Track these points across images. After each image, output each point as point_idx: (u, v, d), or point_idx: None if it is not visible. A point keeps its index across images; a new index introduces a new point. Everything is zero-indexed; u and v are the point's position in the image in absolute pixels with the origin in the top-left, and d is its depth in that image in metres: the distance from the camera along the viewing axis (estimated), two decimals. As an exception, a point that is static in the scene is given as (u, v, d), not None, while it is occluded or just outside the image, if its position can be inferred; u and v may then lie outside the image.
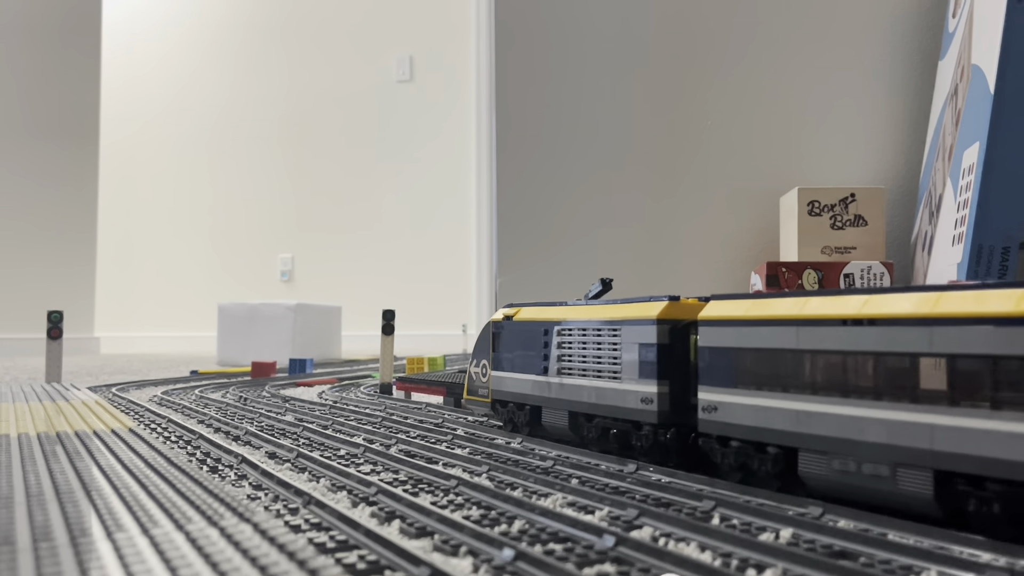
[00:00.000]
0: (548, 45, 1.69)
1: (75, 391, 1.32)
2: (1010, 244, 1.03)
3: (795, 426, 0.57)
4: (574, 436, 0.81)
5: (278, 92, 4.04)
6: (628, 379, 0.73)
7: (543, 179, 1.67)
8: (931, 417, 0.48)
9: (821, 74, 1.62)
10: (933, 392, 0.48)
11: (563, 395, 0.81)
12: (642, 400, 0.71)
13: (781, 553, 0.44)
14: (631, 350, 0.72)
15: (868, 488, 0.52)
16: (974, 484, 0.47)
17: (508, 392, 0.91)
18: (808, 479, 0.57)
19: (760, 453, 0.61)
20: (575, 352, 0.80)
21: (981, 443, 0.46)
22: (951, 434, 0.47)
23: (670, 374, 0.69)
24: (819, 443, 0.55)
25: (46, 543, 0.33)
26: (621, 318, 0.74)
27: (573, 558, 0.44)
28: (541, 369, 0.85)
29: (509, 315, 0.92)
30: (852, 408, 0.53)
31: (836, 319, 0.54)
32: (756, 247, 1.61)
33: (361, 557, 0.44)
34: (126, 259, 4.19)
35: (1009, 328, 0.44)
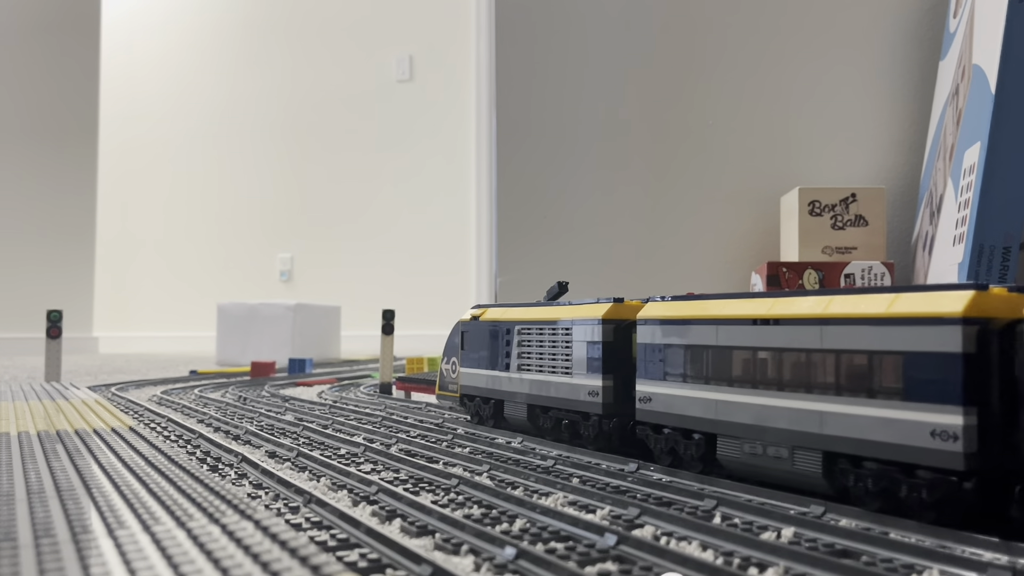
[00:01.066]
0: (549, 45, 1.69)
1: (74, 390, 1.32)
2: (1011, 244, 1.03)
3: (714, 414, 0.64)
4: (532, 427, 0.88)
5: (277, 92, 4.04)
6: (578, 374, 0.79)
7: (543, 179, 1.67)
8: (821, 405, 0.55)
9: (822, 74, 1.61)
10: (823, 383, 0.55)
11: (522, 389, 0.88)
12: (589, 393, 0.78)
13: (783, 552, 0.44)
14: (580, 348, 0.79)
15: (772, 468, 0.59)
16: (853, 463, 0.53)
17: (475, 387, 0.97)
18: (725, 462, 0.63)
19: (686, 439, 0.67)
20: (533, 350, 0.87)
21: (859, 427, 0.52)
22: (836, 420, 0.54)
23: (614, 369, 0.76)
24: (734, 429, 0.62)
25: (47, 539, 0.33)
26: (572, 318, 0.81)
27: (575, 556, 0.44)
28: (504, 365, 0.91)
29: (476, 315, 0.98)
30: (760, 398, 0.60)
31: (748, 319, 0.61)
32: (757, 247, 1.61)
33: (363, 555, 0.44)
34: (125, 258, 4.19)
35: (881, 327, 0.51)
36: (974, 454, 0.47)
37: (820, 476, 0.56)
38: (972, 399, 0.47)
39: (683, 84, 1.65)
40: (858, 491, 0.53)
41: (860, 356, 0.53)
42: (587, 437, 0.79)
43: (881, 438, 0.51)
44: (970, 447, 0.47)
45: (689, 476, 0.65)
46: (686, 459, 0.68)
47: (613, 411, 0.76)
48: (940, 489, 0.48)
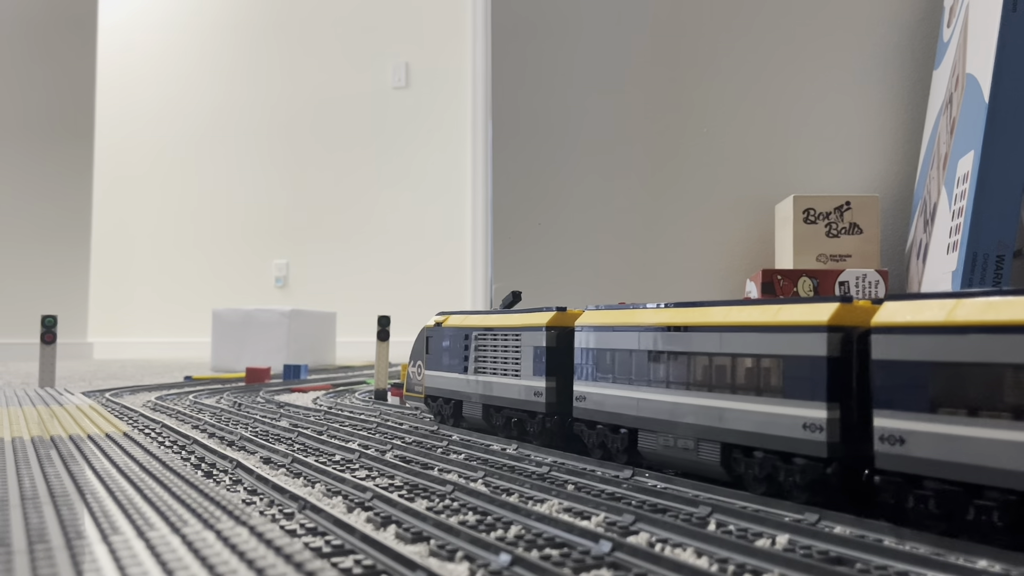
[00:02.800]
0: (544, 54, 1.69)
1: (69, 396, 1.32)
2: (1004, 252, 1.03)
3: (636, 411, 0.72)
4: (487, 425, 0.95)
5: (273, 98, 4.04)
6: (525, 376, 0.87)
7: (538, 186, 1.67)
8: (719, 402, 0.63)
9: (817, 82, 1.62)
10: (721, 383, 0.63)
11: (478, 390, 0.95)
12: (535, 393, 0.85)
13: (778, 559, 0.44)
14: (528, 352, 0.87)
15: (681, 458, 0.67)
16: (745, 453, 0.62)
17: (438, 388, 1.04)
18: (645, 453, 0.71)
19: (614, 433, 0.75)
20: (487, 354, 0.94)
21: (749, 422, 0.60)
22: (731, 415, 0.62)
23: (555, 371, 0.84)
24: (651, 424, 0.70)
25: (42, 545, 0.33)
26: (521, 325, 0.89)
27: (570, 563, 0.44)
28: (462, 368, 0.99)
29: (439, 322, 1.06)
30: (672, 396, 0.68)
31: (663, 326, 0.69)
32: (752, 255, 1.61)
33: (357, 562, 0.44)
34: (120, 264, 4.18)
35: (766, 334, 0.60)
36: (836, 443, 0.55)
37: (718, 465, 0.64)
38: (835, 396, 0.55)
39: (678, 92, 1.66)
40: (748, 477, 0.61)
41: (750, 359, 0.61)
42: (533, 433, 0.87)
43: (766, 431, 0.59)
44: (833, 437, 0.55)
45: (684, 483, 0.65)
46: (613, 452, 0.76)
47: (555, 410, 0.83)
48: (809, 473, 0.56)
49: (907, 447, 0.49)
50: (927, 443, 0.49)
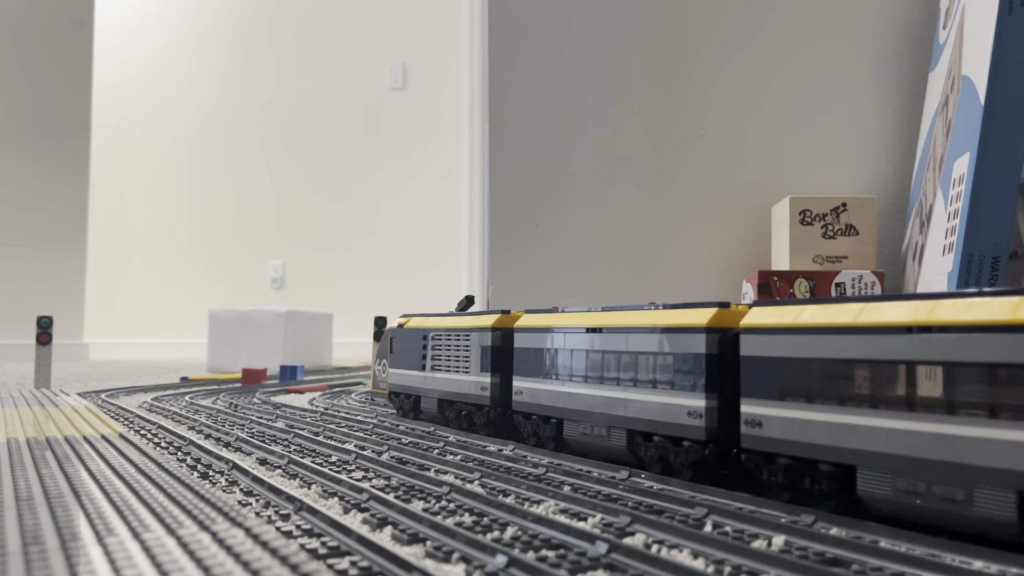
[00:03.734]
0: (541, 56, 1.70)
1: (64, 397, 1.31)
2: (1000, 254, 1.04)
3: (562, 403, 0.81)
4: (441, 418, 1.03)
5: (270, 99, 4.04)
6: (474, 372, 0.95)
7: (536, 187, 1.67)
8: (625, 394, 0.73)
9: (813, 84, 1.62)
10: (627, 378, 0.72)
11: (434, 386, 1.04)
12: (482, 388, 0.94)
13: (774, 560, 0.44)
14: (476, 351, 0.95)
15: (597, 444, 0.77)
16: (645, 438, 0.71)
17: (400, 385, 1.14)
18: (569, 441, 0.81)
19: (545, 424, 0.84)
20: (442, 353, 1.03)
21: (648, 411, 0.70)
22: (635, 405, 0.72)
23: (500, 368, 0.92)
24: (573, 415, 0.79)
25: (36, 547, 0.33)
26: (469, 327, 0.97)
27: (566, 564, 0.44)
28: (421, 366, 1.08)
29: (402, 324, 1.14)
30: (589, 390, 0.77)
31: (583, 328, 0.79)
32: (748, 256, 1.61)
33: (353, 563, 0.44)
34: (116, 264, 4.18)
35: (660, 334, 0.70)
36: (713, 428, 0.65)
37: (625, 449, 0.73)
38: (712, 388, 0.65)
39: (675, 94, 1.66)
40: (648, 459, 0.71)
41: (649, 357, 0.71)
42: (480, 425, 0.95)
43: (660, 418, 0.69)
44: (711, 423, 0.65)
45: (681, 484, 0.65)
46: (544, 440, 0.85)
47: (498, 403, 0.92)
48: (693, 454, 0.66)
49: (764, 429, 0.60)
50: (778, 426, 0.59)
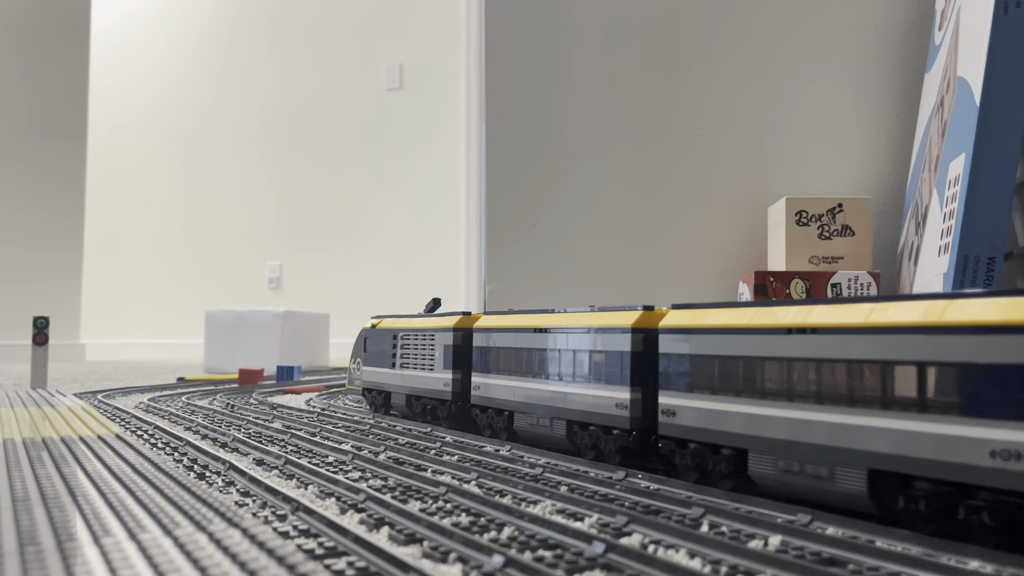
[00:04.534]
0: (537, 56, 1.70)
1: (61, 397, 1.31)
2: (995, 254, 1.04)
3: (512, 397, 0.90)
4: (410, 412, 1.11)
5: (267, 99, 4.03)
6: (438, 370, 1.03)
7: (532, 188, 1.67)
8: (564, 388, 0.82)
9: (809, 85, 1.63)
10: (566, 373, 0.81)
11: (402, 383, 1.12)
12: (444, 384, 1.01)
13: (770, 560, 0.44)
14: (439, 350, 1.02)
15: (542, 434, 0.85)
16: (582, 427, 0.80)
17: (372, 382, 1.21)
18: (518, 432, 0.89)
19: (498, 416, 0.93)
20: (410, 352, 1.10)
21: (583, 403, 0.79)
22: (573, 399, 0.81)
23: (460, 365, 1.00)
24: (523, 408, 0.88)
25: (32, 548, 0.33)
26: (434, 327, 1.05)
27: (563, 564, 0.44)
28: (391, 364, 1.15)
29: (375, 324, 1.22)
30: (536, 384, 0.86)
31: (530, 328, 0.87)
32: (744, 257, 1.61)
33: (350, 564, 0.44)
34: (113, 265, 4.17)
35: (591, 334, 0.78)
36: (637, 417, 0.73)
37: (564, 439, 0.82)
38: (636, 382, 0.73)
39: (671, 94, 1.66)
40: (583, 447, 0.80)
41: (584, 354, 0.79)
42: (443, 418, 1.03)
43: (593, 409, 0.77)
44: (635, 413, 0.73)
45: (678, 484, 0.65)
46: (497, 431, 0.93)
47: (459, 398, 1.00)
48: (620, 441, 0.74)
49: (677, 418, 0.68)
50: (688, 415, 0.67)
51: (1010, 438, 0.44)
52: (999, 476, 0.45)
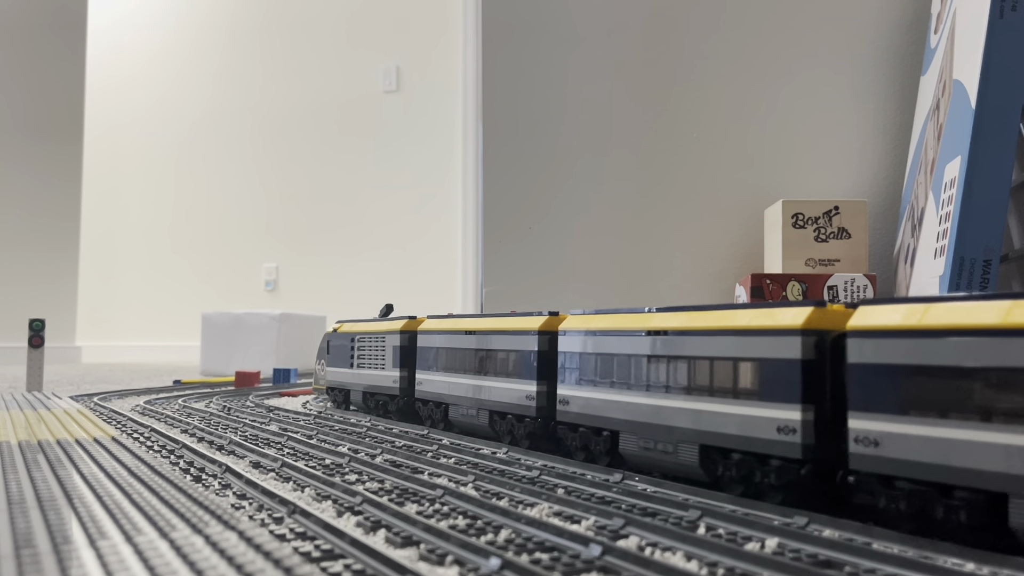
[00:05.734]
0: (534, 59, 1.70)
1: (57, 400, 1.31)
2: (991, 257, 1.04)
3: (448, 391, 0.99)
4: (365, 407, 1.21)
5: (264, 101, 4.03)
6: (388, 368, 1.13)
7: (529, 191, 1.67)
8: (482, 382, 0.93)
9: (806, 88, 1.63)
10: (490, 370, 0.92)
11: (359, 381, 1.22)
12: (393, 381, 1.12)
13: (767, 562, 0.44)
14: (390, 351, 1.13)
15: (471, 423, 0.96)
16: (500, 416, 0.90)
17: (335, 381, 1.32)
18: (453, 421, 0.99)
19: (437, 408, 1.03)
20: (365, 353, 1.20)
21: (498, 394, 0.90)
22: (488, 391, 0.92)
23: (407, 364, 1.10)
24: (457, 400, 0.98)
25: (28, 550, 0.33)
26: (384, 331, 1.15)
27: (559, 567, 0.44)
28: (350, 364, 1.25)
29: (336, 328, 1.32)
30: (466, 379, 0.96)
31: (464, 331, 0.98)
32: (741, 259, 1.62)
33: (347, 567, 0.44)
34: (109, 267, 4.16)
35: (504, 336, 0.90)
36: (543, 407, 0.84)
37: (487, 426, 0.91)
38: (542, 376, 0.84)
39: (668, 97, 1.67)
40: (502, 434, 0.90)
41: (502, 353, 0.90)
42: (392, 410, 1.13)
43: (509, 400, 0.88)
44: (541, 403, 0.84)
45: (674, 487, 0.65)
46: (435, 421, 1.04)
47: (406, 393, 1.10)
48: (529, 427, 0.86)
49: (569, 406, 0.79)
50: (577, 403, 0.78)
51: (789, 416, 0.56)
52: (782, 447, 0.57)
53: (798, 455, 0.56)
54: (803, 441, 0.56)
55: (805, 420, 0.55)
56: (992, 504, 0.46)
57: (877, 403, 0.52)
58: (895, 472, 0.51)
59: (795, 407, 0.56)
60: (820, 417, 0.56)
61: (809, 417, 0.56)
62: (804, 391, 0.56)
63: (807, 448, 0.55)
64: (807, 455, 0.56)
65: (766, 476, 0.59)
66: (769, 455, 0.58)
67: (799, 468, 0.56)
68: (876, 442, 0.52)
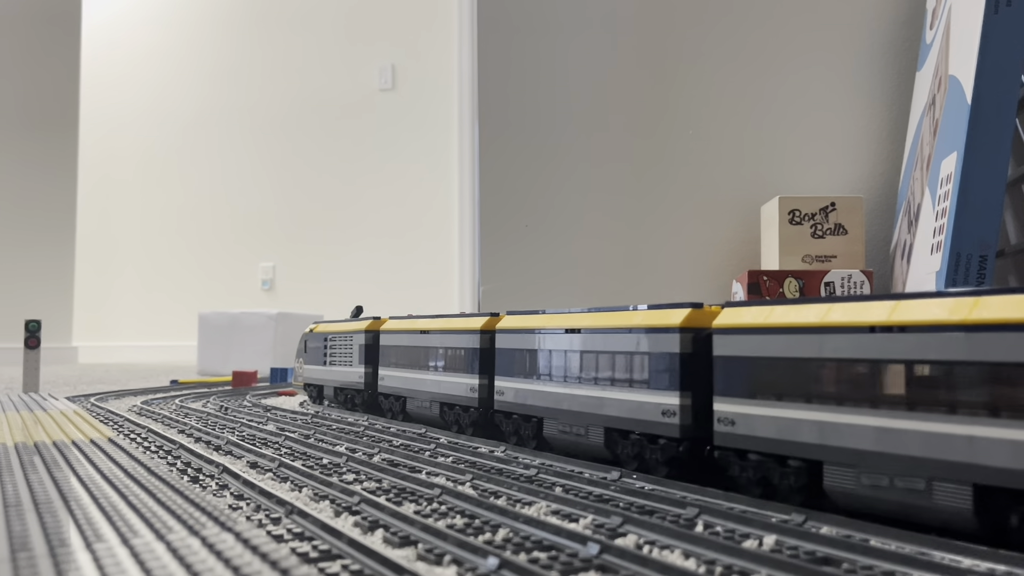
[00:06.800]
0: (530, 55, 1.70)
1: (53, 401, 1.31)
2: (987, 252, 1.04)
3: (406, 385, 1.09)
4: (336, 401, 1.31)
5: (259, 99, 4.03)
6: (355, 365, 1.22)
7: (526, 188, 1.67)
8: (437, 376, 1.02)
9: (801, 85, 1.63)
10: (438, 365, 1.01)
11: (331, 377, 1.31)
12: (359, 377, 1.21)
13: (765, 560, 0.44)
14: (355, 349, 1.22)
15: (424, 415, 1.05)
16: (449, 408, 1.00)
17: (312, 378, 1.41)
18: (410, 412, 1.09)
19: (397, 401, 1.12)
20: (336, 351, 1.29)
21: (447, 387, 0.99)
22: (443, 384, 1.00)
23: (371, 361, 1.19)
24: (412, 394, 1.07)
25: (24, 554, 0.33)
26: (351, 330, 1.24)
27: (558, 566, 0.44)
28: (323, 362, 1.35)
29: (313, 329, 1.42)
30: (420, 374, 1.06)
31: (417, 331, 1.07)
32: (737, 256, 1.62)
33: (344, 567, 0.44)
34: (105, 267, 4.16)
35: (453, 335, 0.99)
36: (484, 399, 0.94)
37: (439, 416, 1.02)
38: (482, 371, 0.94)
39: (664, 94, 1.66)
40: (449, 422, 1.00)
41: (450, 350, 1.00)
42: (358, 404, 1.22)
43: (455, 392, 0.98)
44: (483, 395, 0.94)
45: (672, 485, 0.65)
46: (395, 412, 1.13)
47: (370, 387, 1.19)
48: (473, 416, 0.95)
49: (504, 397, 0.90)
50: (510, 394, 0.88)
51: (670, 401, 0.67)
52: (666, 428, 0.67)
53: (677, 434, 0.66)
54: (681, 422, 0.66)
55: (683, 405, 0.66)
56: (812, 471, 0.56)
57: (734, 389, 0.61)
58: (746, 446, 0.61)
59: (675, 394, 0.66)
60: (696, 402, 0.66)
61: (687, 402, 0.66)
62: (682, 380, 0.66)
63: (684, 428, 0.66)
64: (684, 434, 0.66)
65: (654, 453, 0.69)
66: (656, 435, 0.68)
67: (678, 445, 0.66)
68: (733, 422, 0.62)
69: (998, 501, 0.46)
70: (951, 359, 0.47)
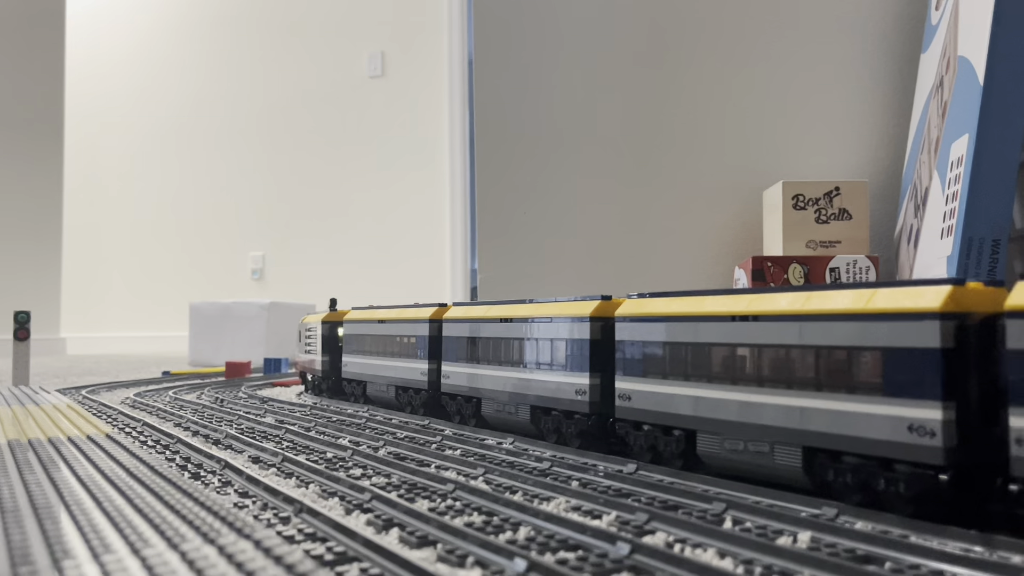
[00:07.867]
0: (526, 40, 1.66)
1: (44, 394, 1.28)
2: (1000, 236, 1.02)
3: (369, 371, 1.17)
4: (312, 387, 1.41)
5: (248, 88, 3.98)
6: (319, 353, 1.34)
7: (522, 175, 1.65)
8: (400, 363, 1.09)
9: (804, 67, 1.61)
10: (403, 353, 1.08)
11: (309, 365, 1.41)
12: (323, 364, 1.32)
13: (805, 559, 0.42)
14: (318, 339, 1.34)
15: (383, 397, 1.13)
16: (404, 390, 1.09)
17: (301, 364, 1.49)
18: (371, 396, 1.17)
19: (358, 385, 1.22)
20: (311, 340, 1.40)
21: (403, 372, 1.08)
22: (400, 369, 1.09)
23: (330, 352, 1.31)
24: (374, 379, 1.16)
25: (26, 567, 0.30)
26: (316, 322, 1.36)
27: (588, 567, 0.42)
28: (305, 351, 1.44)
29: (304, 320, 1.51)
30: (378, 360, 1.14)
31: (379, 320, 1.15)
32: (740, 242, 1.60)
33: (363, 571, 0.41)
34: (93, 257, 4.11)
35: (411, 324, 1.07)
36: (433, 381, 1.03)
37: (395, 400, 1.10)
38: (432, 356, 1.03)
39: (665, 78, 1.64)
40: (403, 403, 1.09)
41: (403, 338, 1.08)
42: (324, 389, 1.34)
43: (408, 376, 1.06)
44: (432, 378, 1.03)
45: (692, 477, 0.63)
46: (357, 396, 1.22)
47: (331, 374, 1.30)
48: (422, 398, 1.05)
49: (449, 380, 0.98)
50: (454, 378, 0.97)
51: (581, 381, 0.77)
52: (579, 404, 0.77)
53: (587, 410, 0.76)
54: (590, 399, 0.76)
55: (592, 384, 0.76)
56: (689, 439, 0.65)
57: (630, 369, 0.71)
58: (639, 419, 0.70)
59: (584, 375, 0.76)
60: (604, 381, 0.75)
61: (596, 382, 0.76)
62: (591, 363, 0.76)
63: (592, 404, 0.76)
64: (592, 410, 0.76)
65: (569, 428, 0.79)
66: (572, 411, 0.78)
67: (587, 420, 0.76)
68: (630, 397, 0.71)
69: (820, 460, 0.55)
70: (788, 343, 0.57)
